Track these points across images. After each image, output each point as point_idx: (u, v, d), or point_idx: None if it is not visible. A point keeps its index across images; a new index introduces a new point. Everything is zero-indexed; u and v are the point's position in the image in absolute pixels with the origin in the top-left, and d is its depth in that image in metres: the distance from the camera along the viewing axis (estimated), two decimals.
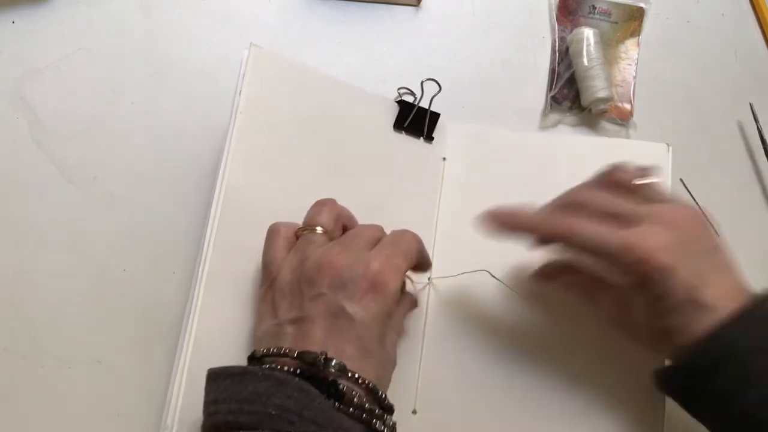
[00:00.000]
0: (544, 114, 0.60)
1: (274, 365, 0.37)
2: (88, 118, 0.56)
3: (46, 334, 0.50)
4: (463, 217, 0.48)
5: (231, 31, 0.60)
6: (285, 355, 0.37)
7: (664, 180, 0.55)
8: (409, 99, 0.56)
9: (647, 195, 0.43)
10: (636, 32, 0.63)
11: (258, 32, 0.60)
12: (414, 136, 0.55)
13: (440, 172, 0.55)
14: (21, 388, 0.49)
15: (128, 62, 0.58)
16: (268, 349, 0.38)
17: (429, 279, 0.50)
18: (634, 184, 0.43)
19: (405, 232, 0.43)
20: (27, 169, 0.54)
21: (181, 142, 0.56)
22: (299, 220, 0.45)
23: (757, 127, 0.61)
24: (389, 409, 0.38)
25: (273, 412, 0.33)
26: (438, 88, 0.55)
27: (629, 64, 0.62)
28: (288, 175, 0.50)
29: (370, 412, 0.36)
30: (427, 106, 0.55)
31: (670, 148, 0.56)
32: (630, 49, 0.62)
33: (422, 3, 0.62)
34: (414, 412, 0.47)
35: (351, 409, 0.35)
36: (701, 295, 0.39)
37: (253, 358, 0.39)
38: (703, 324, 0.38)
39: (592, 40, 0.60)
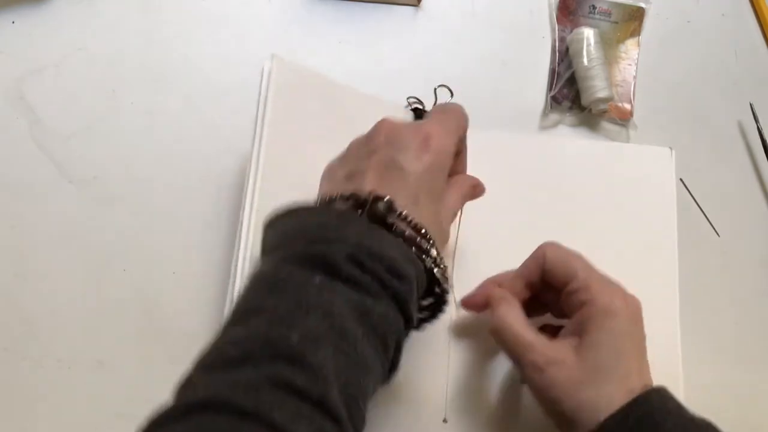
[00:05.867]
0: (544, 114, 0.60)
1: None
2: (88, 118, 0.56)
3: (46, 334, 0.50)
4: (481, 226, 0.48)
5: (231, 32, 0.60)
6: (335, 200, 0.38)
7: (668, 183, 0.55)
8: (420, 106, 0.55)
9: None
10: (636, 32, 0.63)
11: (257, 32, 0.60)
12: None
13: None
14: (21, 388, 0.49)
15: (128, 62, 0.58)
16: (323, 197, 0.39)
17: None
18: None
19: (451, 103, 0.45)
20: (27, 169, 0.54)
21: (180, 141, 0.56)
22: None
23: (757, 127, 0.61)
24: (434, 257, 0.38)
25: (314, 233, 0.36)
26: (450, 95, 0.54)
27: (629, 64, 0.62)
28: (313, 187, 0.49)
29: (418, 247, 0.37)
30: None
31: (674, 152, 0.56)
32: (630, 49, 0.62)
33: (422, 3, 0.62)
34: (445, 420, 0.47)
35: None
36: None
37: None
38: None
39: (592, 40, 0.60)
